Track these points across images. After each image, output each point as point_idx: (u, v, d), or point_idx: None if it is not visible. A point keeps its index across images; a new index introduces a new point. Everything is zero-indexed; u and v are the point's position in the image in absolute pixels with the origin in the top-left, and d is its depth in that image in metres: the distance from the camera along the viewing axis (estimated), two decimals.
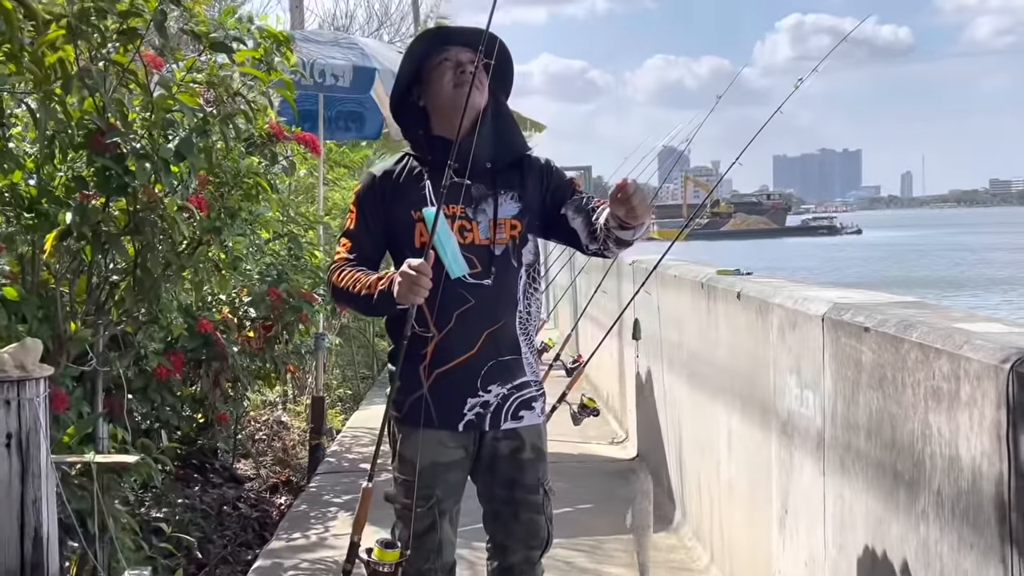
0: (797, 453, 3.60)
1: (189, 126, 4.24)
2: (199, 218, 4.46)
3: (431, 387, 3.13)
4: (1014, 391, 2.12)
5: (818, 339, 3.33)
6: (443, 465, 3.19)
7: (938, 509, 2.48)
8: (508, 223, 3.22)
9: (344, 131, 8.83)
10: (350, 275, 3.13)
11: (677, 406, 5.77)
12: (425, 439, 3.14)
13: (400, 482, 3.21)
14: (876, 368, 2.86)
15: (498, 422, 3.20)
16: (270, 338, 6.45)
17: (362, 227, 3.24)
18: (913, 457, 2.62)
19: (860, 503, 3.00)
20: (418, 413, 3.12)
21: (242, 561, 5.57)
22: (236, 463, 7.34)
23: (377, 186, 3.26)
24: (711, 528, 4.94)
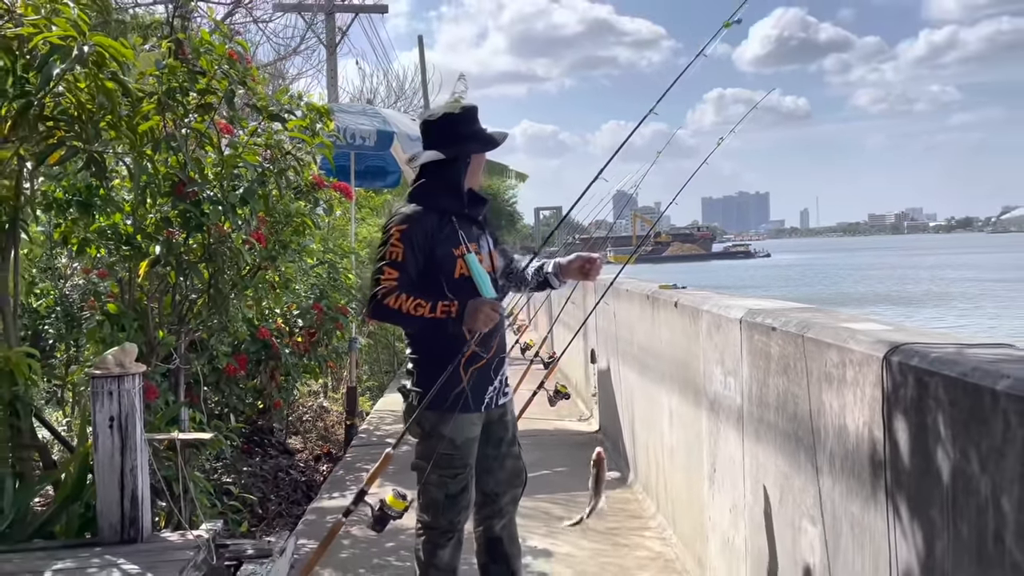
0: (722, 426, 3.61)
1: (251, 178, 4.25)
2: (259, 249, 4.47)
3: (469, 383, 3.21)
4: (886, 375, 2.14)
5: (737, 337, 3.35)
6: (473, 439, 3.26)
7: (831, 466, 2.50)
8: (494, 253, 3.40)
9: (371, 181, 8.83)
10: (410, 300, 3.05)
11: (630, 390, 5.78)
12: (464, 421, 3.21)
13: (441, 455, 3.20)
14: (782, 359, 2.88)
15: (499, 399, 3.34)
16: (314, 342, 6.45)
17: (410, 259, 3.13)
18: (811, 427, 2.63)
19: (771, 463, 3.01)
20: (459, 402, 3.19)
21: (294, 515, 5.55)
22: (288, 439, 7.31)
23: (421, 226, 3.16)
24: (657, 484, 4.95)
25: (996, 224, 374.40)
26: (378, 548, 4.55)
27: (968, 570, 1.80)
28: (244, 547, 4.04)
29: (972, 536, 1.79)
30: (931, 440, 1.94)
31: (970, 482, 1.79)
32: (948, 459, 1.87)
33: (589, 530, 4.79)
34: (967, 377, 1.80)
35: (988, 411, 1.72)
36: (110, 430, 3.52)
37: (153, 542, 3.56)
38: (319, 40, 14.55)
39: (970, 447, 1.78)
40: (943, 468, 1.89)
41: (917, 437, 2.01)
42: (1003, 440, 1.67)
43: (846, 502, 2.40)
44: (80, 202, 3.90)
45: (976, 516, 1.77)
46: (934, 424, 1.92)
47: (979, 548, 1.76)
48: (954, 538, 1.85)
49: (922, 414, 1.97)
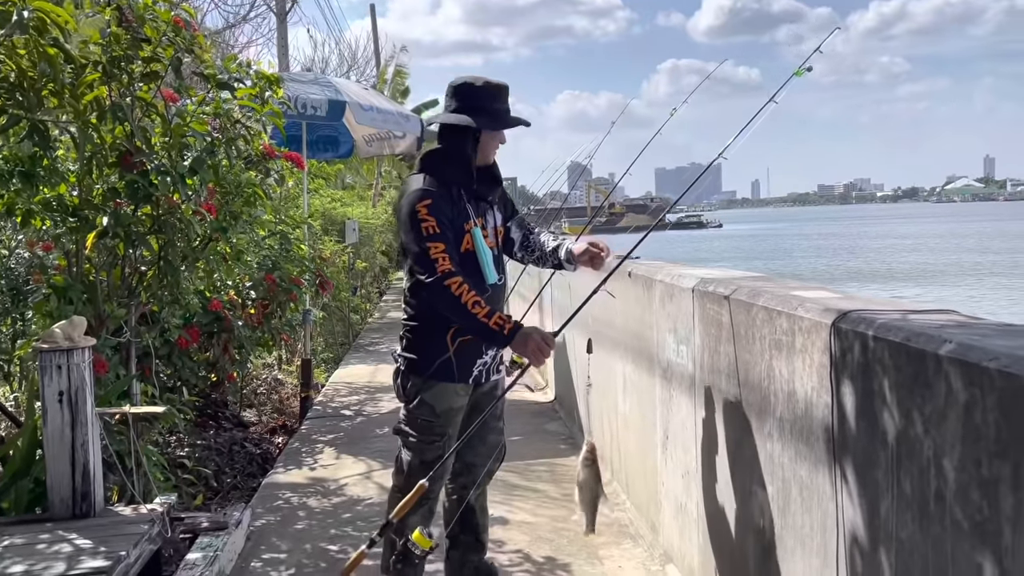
0: (675, 393, 3.66)
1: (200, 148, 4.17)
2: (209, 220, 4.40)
3: (454, 352, 3.21)
4: (834, 341, 2.18)
5: (689, 306, 3.38)
6: (456, 410, 3.27)
7: (780, 430, 2.54)
8: (500, 230, 3.42)
9: (323, 152, 8.71)
10: (471, 294, 2.96)
11: (584, 360, 5.80)
12: (446, 390, 3.23)
13: (420, 421, 3.23)
14: (733, 326, 2.92)
15: (490, 375, 3.36)
16: (267, 314, 6.38)
17: (446, 229, 3.06)
18: (761, 392, 2.68)
19: (722, 429, 3.06)
20: (443, 371, 3.20)
21: (249, 488, 5.52)
22: (242, 412, 7.25)
23: (442, 198, 3.11)
24: (611, 452, 5.00)
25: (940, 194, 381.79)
26: (335, 520, 4.56)
27: (911, 528, 1.85)
28: (199, 520, 4.02)
29: (915, 496, 1.83)
30: (877, 404, 1.98)
31: (913, 444, 1.84)
32: (893, 422, 1.91)
33: (545, 497, 4.84)
34: (911, 342, 1.84)
35: (931, 375, 1.76)
36: (59, 404, 3.46)
37: (106, 516, 3.52)
38: (269, 8, 14.27)
39: (914, 410, 1.83)
40: (888, 431, 1.94)
41: (863, 401, 2.05)
42: (945, 403, 1.72)
43: (795, 466, 2.44)
44: (23, 172, 3.80)
45: (919, 477, 1.82)
46: (880, 388, 1.96)
47: (921, 507, 1.81)
48: (898, 498, 1.90)
49: (868, 379, 2.01)
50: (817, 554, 2.31)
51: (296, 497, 4.96)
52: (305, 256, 6.87)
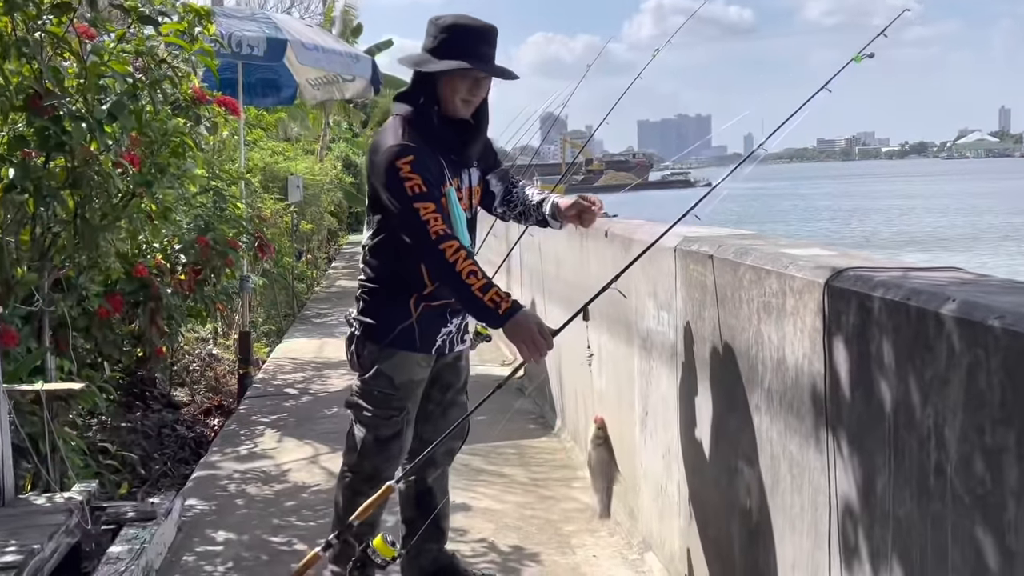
0: (655, 364, 3.69)
1: (120, 91, 4.11)
2: (132, 173, 4.35)
3: (417, 318, 3.22)
4: (828, 302, 2.21)
5: (671, 267, 3.40)
6: (417, 382, 3.29)
7: (768, 403, 2.58)
8: (476, 190, 3.40)
9: (262, 97, 8.62)
10: (468, 262, 2.94)
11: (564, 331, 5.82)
12: (407, 360, 3.24)
13: (377, 394, 3.24)
14: (718, 289, 2.94)
15: (454, 345, 3.38)
16: (200, 281, 6.32)
17: (433, 188, 3.03)
18: (748, 361, 2.71)
19: (706, 402, 3.10)
20: (404, 338, 3.21)
21: (181, 475, 5.51)
22: (173, 391, 7.22)
23: (425, 154, 3.07)
24: (586, 432, 5.02)
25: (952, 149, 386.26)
26: (277, 508, 4.56)
27: (909, 505, 1.89)
28: (124, 509, 4.01)
29: (913, 470, 1.87)
30: (873, 370, 2.01)
31: (912, 413, 1.87)
32: (890, 390, 1.95)
33: (512, 482, 4.89)
34: (911, 301, 1.87)
35: (932, 337, 1.79)
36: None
37: (17, 506, 3.50)
38: None
39: (913, 376, 1.86)
40: (885, 400, 1.97)
41: (859, 368, 2.08)
42: (947, 367, 1.75)
43: (784, 440, 2.48)
44: None
45: (918, 449, 1.85)
46: (877, 353, 1.99)
47: (920, 482, 1.85)
48: (895, 473, 1.94)
49: (864, 343, 2.04)
50: (808, 535, 2.35)
51: (234, 484, 4.95)
52: (242, 216, 6.82)
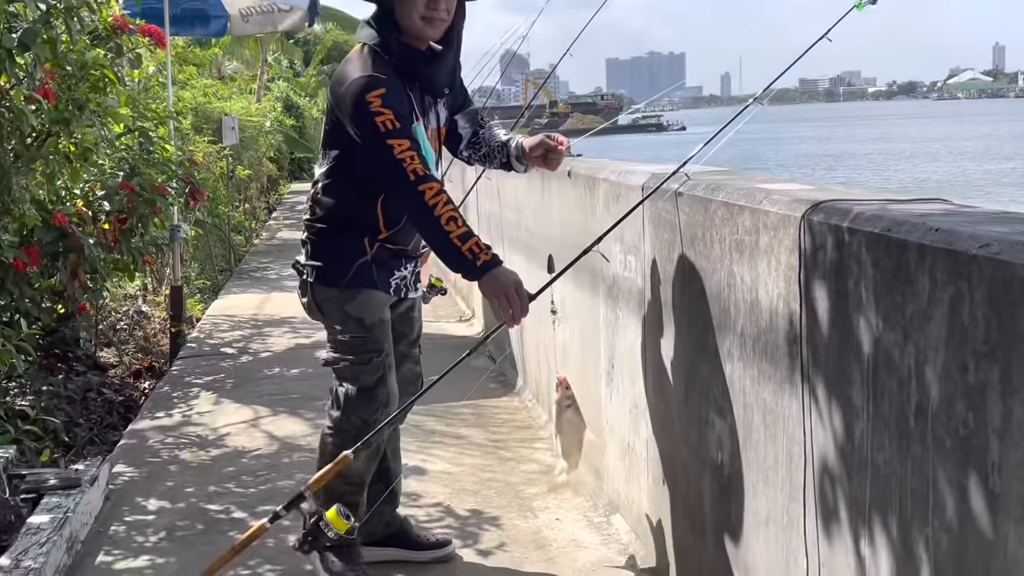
0: (622, 313, 3.71)
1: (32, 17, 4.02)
2: (47, 109, 4.28)
3: (372, 256, 3.23)
4: (805, 237, 2.22)
5: (639, 207, 3.40)
6: (387, 322, 3.31)
7: (741, 348, 2.60)
8: (443, 130, 3.41)
9: (189, 27, 8.47)
10: (447, 208, 2.92)
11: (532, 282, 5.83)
12: (372, 298, 3.25)
13: (349, 340, 3.24)
14: (688, 228, 2.96)
15: (409, 291, 3.41)
16: (125, 230, 6.23)
17: (406, 124, 3.01)
18: (720, 305, 2.73)
19: (675, 351, 3.12)
20: (363, 276, 3.22)
21: (109, 442, 5.47)
22: (99, 352, 7.15)
23: (394, 86, 3.05)
24: (548, 389, 5.06)
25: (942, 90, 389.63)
26: (215, 475, 4.56)
27: (888, 451, 1.92)
28: (45, 477, 3.98)
29: (893, 413, 1.90)
30: (851, 309, 2.03)
31: (892, 353, 1.89)
32: (869, 329, 1.97)
33: (470, 444, 4.91)
34: (891, 232, 1.88)
35: (914, 270, 1.81)
36: None
37: None
38: None
39: (893, 313, 1.88)
40: (863, 340, 1.99)
41: (836, 307, 2.10)
42: (929, 302, 1.77)
43: (758, 388, 2.51)
44: None
45: (897, 390, 1.88)
46: (855, 290, 2.01)
47: (900, 426, 1.88)
48: (873, 418, 1.97)
49: (842, 280, 2.06)
50: (782, 488, 2.39)
51: (166, 450, 4.94)
52: (171, 159, 6.72)
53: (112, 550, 3.78)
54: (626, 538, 3.72)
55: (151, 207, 6.25)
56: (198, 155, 9.43)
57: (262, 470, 4.59)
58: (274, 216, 16.94)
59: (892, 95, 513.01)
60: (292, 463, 4.67)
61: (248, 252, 12.56)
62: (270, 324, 7.98)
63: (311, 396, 5.75)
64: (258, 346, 7.27)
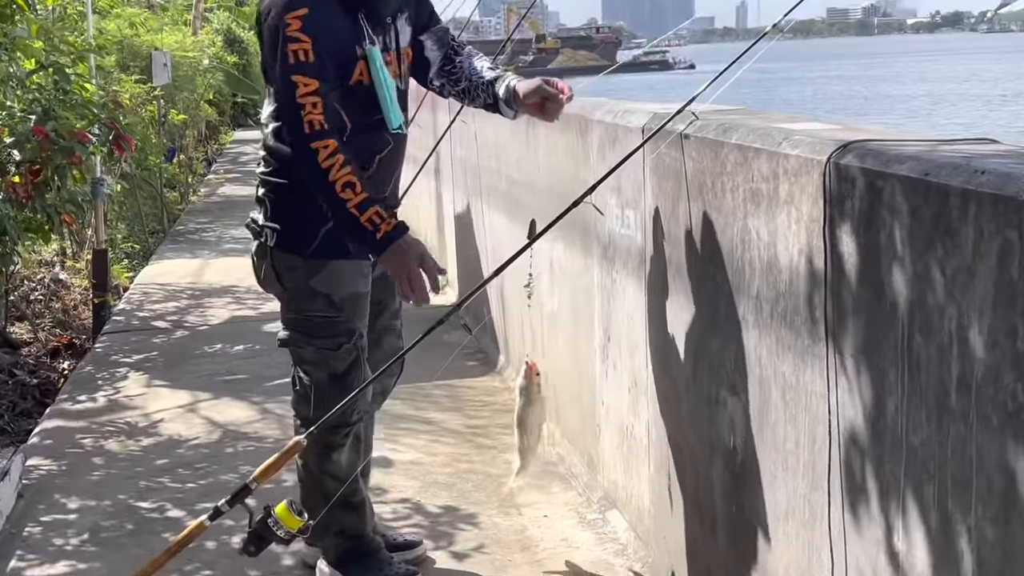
0: (619, 276, 3.71)
1: None
2: None
3: None
4: (831, 184, 2.22)
5: (639, 153, 3.39)
6: (361, 296, 3.29)
7: (757, 314, 2.61)
8: (407, 52, 3.33)
9: None
10: (344, 171, 2.92)
11: (498, 243, 5.84)
12: (343, 270, 3.22)
13: (316, 320, 3.22)
14: (696, 176, 2.95)
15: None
16: (39, 184, 6.20)
17: (324, 60, 2.97)
18: (733, 265, 2.73)
19: (681, 320, 3.12)
20: (332, 244, 3.17)
21: (23, 431, 5.48)
22: (10, 327, 7.14)
23: (324, 9, 3.00)
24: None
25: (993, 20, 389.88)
26: (146, 467, 4.57)
27: (926, 430, 1.93)
28: None
29: (931, 386, 1.91)
30: (884, 266, 2.03)
31: (931, 317, 1.90)
32: (905, 289, 1.97)
33: (444, 430, 4.93)
34: (931, 176, 1.88)
35: (957, 219, 1.81)
36: None
37: None
38: None
39: (932, 269, 1.89)
40: (898, 302, 2.00)
41: (867, 264, 2.11)
42: (974, 256, 1.77)
43: (776, 361, 2.52)
44: None
45: (937, 360, 1.89)
46: (889, 244, 2.01)
47: (939, 401, 1.88)
48: (909, 392, 1.98)
49: (874, 232, 2.06)
50: (804, 475, 2.40)
51: (90, 439, 4.95)
52: (92, 101, 6.68)
53: (26, 555, 3.79)
54: (624, 537, 3.74)
55: (69, 157, 6.21)
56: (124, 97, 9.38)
57: (201, 462, 4.60)
58: (214, 169, 16.89)
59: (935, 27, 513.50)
60: (236, 453, 4.69)
61: (184, 211, 12.54)
62: (210, 294, 7.97)
63: (259, 376, 5.76)
64: (196, 319, 7.27)
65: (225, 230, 10.62)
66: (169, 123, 12.65)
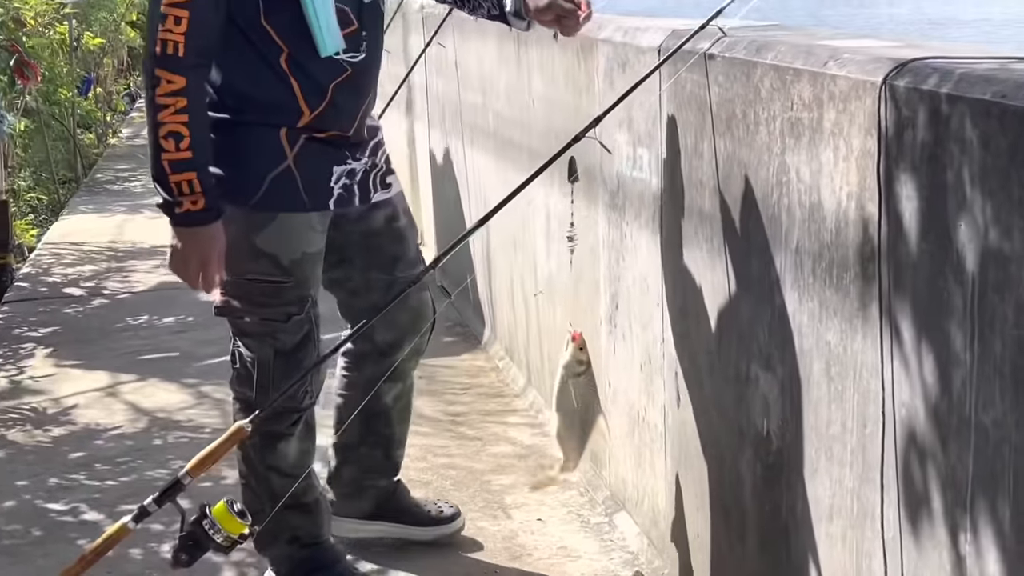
0: (630, 230, 3.70)
1: None
2: None
3: (296, 158, 3.20)
4: (887, 111, 2.21)
5: (654, 78, 3.38)
6: (314, 256, 3.30)
7: (796, 272, 2.60)
8: None
9: None
10: (180, 119, 2.96)
11: (482, 191, 5.83)
12: (293, 225, 3.23)
13: (261, 285, 3.23)
14: (723, 105, 2.94)
15: (368, 194, 3.37)
16: None
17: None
18: (767, 212, 2.72)
19: (704, 280, 3.12)
20: (281, 192, 3.19)
21: None
22: None
23: None
24: (527, 342, 5.07)
25: None
26: (58, 462, 4.60)
27: (999, 408, 1.92)
28: None
29: (1007, 355, 1.90)
30: (951, 210, 2.02)
31: (1007, 270, 1.89)
32: (975, 237, 1.96)
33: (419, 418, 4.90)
34: (1008, 99, 1.87)
35: None
36: None
37: None
38: None
39: (1010, 213, 1.87)
40: (967, 253, 1.99)
41: (929, 208, 2.09)
42: None
43: (819, 328, 2.51)
44: None
45: (1014, 322, 1.88)
46: (956, 183, 2.00)
47: (1016, 373, 1.88)
48: (979, 361, 1.97)
49: (939, 169, 2.05)
50: (852, 465, 2.40)
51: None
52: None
53: None
54: (635, 544, 3.75)
55: None
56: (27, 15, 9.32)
57: (123, 455, 4.60)
58: (139, 106, 16.81)
59: None
60: (166, 445, 4.69)
61: (102, 156, 12.49)
62: (135, 255, 7.96)
63: (192, 353, 5.75)
64: (117, 285, 7.27)
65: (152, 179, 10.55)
66: (83, 49, 12.58)
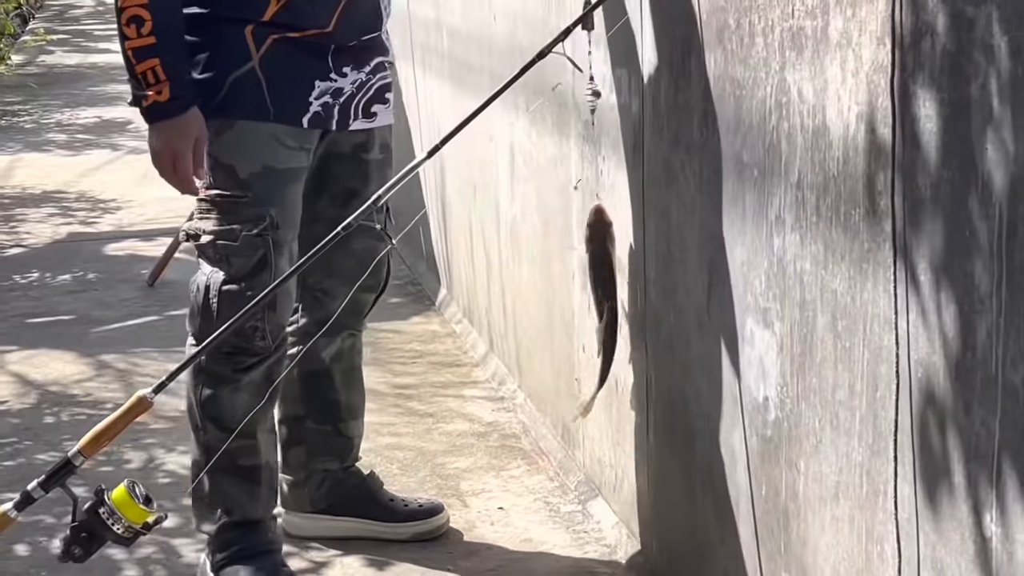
0: (607, 166, 3.70)
1: None
2: None
3: (262, 60, 3.26)
4: (902, 16, 2.20)
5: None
6: (280, 173, 3.34)
7: (798, 210, 2.59)
8: None
9: None
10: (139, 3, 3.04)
11: (435, 121, 5.83)
12: (255, 134, 3.29)
13: (216, 200, 3.29)
14: (714, 15, 2.93)
15: (347, 120, 3.44)
16: None
17: None
18: (764, 140, 2.72)
19: (694, 222, 3.12)
20: (243, 96, 3.26)
21: None
22: None
23: None
24: (488, 302, 5.07)
25: None
26: None
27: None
28: None
29: None
30: (975, 131, 2.02)
31: None
32: (1003, 162, 1.96)
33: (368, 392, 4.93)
34: None
35: None
36: None
37: None
38: None
39: None
40: (994, 181, 1.99)
41: (950, 129, 2.09)
42: None
43: (824, 274, 2.51)
44: None
45: None
46: (982, 98, 2.00)
47: None
48: (1008, 310, 1.97)
49: (962, 82, 2.05)
50: (861, 435, 2.41)
51: None
52: None
53: None
54: (612, 535, 3.77)
55: None
56: None
57: (9, 435, 4.63)
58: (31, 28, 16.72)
59: None
60: (59, 424, 4.70)
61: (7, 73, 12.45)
62: (24, 202, 7.95)
63: (93, 317, 5.75)
64: (3, 238, 7.24)
65: (47, 113, 10.56)
66: None
